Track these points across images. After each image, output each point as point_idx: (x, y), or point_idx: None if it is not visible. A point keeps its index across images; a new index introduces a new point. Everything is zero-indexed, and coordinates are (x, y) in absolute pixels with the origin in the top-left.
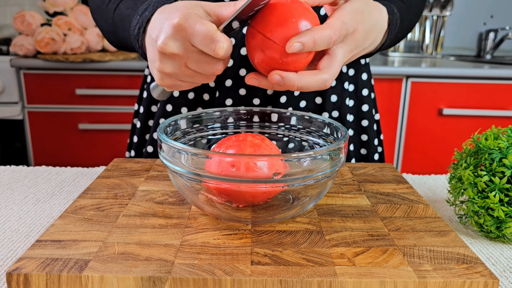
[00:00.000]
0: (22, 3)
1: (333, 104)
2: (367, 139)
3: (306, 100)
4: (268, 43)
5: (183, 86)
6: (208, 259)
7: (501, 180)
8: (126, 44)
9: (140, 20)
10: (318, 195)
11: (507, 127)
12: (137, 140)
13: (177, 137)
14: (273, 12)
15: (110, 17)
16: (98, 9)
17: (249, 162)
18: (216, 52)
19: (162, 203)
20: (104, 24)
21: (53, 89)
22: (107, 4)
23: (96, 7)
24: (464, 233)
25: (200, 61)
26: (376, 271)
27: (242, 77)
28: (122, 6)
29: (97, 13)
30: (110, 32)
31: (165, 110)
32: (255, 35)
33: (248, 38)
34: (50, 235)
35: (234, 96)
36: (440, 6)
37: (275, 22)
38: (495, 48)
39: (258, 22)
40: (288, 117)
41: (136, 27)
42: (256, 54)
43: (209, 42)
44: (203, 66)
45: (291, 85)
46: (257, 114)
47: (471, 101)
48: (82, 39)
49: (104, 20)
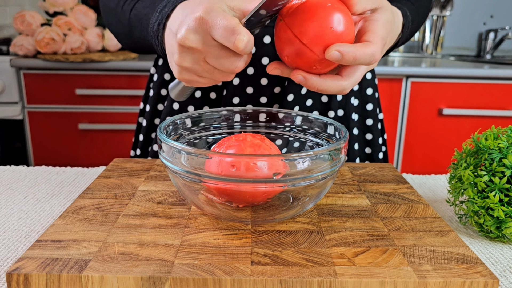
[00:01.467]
0: (22, 3)
1: (339, 103)
2: (371, 138)
3: (312, 98)
4: (302, 48)
5: (201, 82)
6: (208, 259)
7: (501, 180)
8: (142, 44)
9: (159, 16)
10: (318, 195)
11: (507, 127)
12: (142, 138)
13: (179, 137)
14: (308, 12)
15: (126, 18)
16: (112, 12)
17: (249, 162)
18: (235, 45)
19: (162, 203)
20: (119, 26)
21: (53, 89)
22: (122, 5)
23: (109, 10)
24: (464, 233)
25: (219, 56)
26: (376, 271)
27: (249, 76)
28: (139, 6)
29: (111, 16)
30: (126, 33)
31: (172, 109)
32: (287, 32)
33: (279, 32)
34: (50, 235)
35: (241, 94)
36: (440, 6)
37: (311, 27)
38: (495, 48)
39: (292, 20)
40: (291, 117)
41: (155, 24)
42: (285, 50)
43: (229, 35)
44: (223, 62)
45: (312, 87)
46: (257, 115)
47: (471, 101)
48: (82, 39)
49: (119, 22)
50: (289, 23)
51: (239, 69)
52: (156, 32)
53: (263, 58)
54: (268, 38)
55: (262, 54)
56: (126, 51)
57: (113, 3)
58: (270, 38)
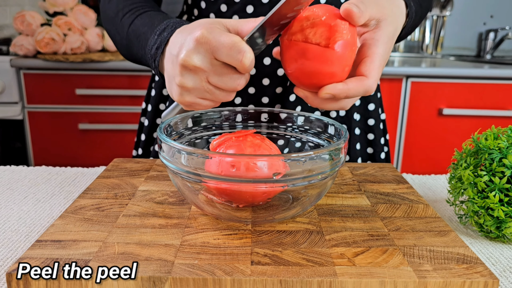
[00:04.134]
0: (22, 3)
1: None
2: (373, 138)
3: None
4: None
5: (202, 104)
6: (208, 259)
7: (501, 180)
8: (140, 60)
9: (158, 40)
10: (318, 195)
11: (507, 127)
12: (144, 138)
13: (179, 137)
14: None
15: (124, 32)
16: (111, 21)
17: (249, 162)
18: (242, 63)
19: (162, 203)
20: (116, 36)
21: (53, 89)
22: (121, 18)
23: (108, 19)
24: (464, 233)
25: (222, 75)
26: (376, 271)
27: (251, 76)
28: (137, 22)
29: (109, 25)
30: (124, 46)
31: None
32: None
33: (292, 50)
34: (50, 235)
35: (243, 94)
36: (440, 6)
37: None
38: (495, 48)
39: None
40: (292, 117)
41: (153, 47)
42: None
43: (235, 53)
44: (225, 80)
45: (340, 97)
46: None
47: (471, 101)
48: (82, 39)
49: (117, 33)
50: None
51: (241, 86)
52: (153, 56)
53: (264, 59)
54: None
55: (264, 55)
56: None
57: (112, 12)
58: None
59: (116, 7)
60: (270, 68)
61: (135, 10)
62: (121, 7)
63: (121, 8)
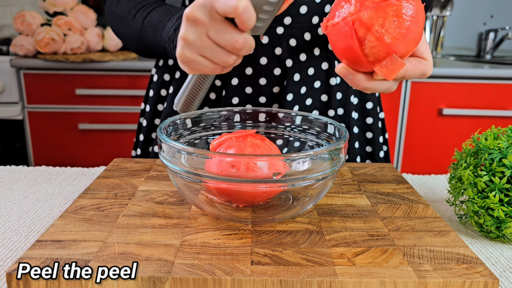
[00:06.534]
0: (22, 3)
1: (338, 102)
2: (372, 136)
3: (312, 98)
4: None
5: (202, 64)
6: (208, 259)
7: (501, 180)
8: (153, 49)
9: (176, 23)
10: (318, 195)
11: (507, 127)
12: (143, 138)
13: (178, 137)
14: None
15: (138, 26)
16: (122, 20)
17: (249, 162)
18: (236, 7)
19: (162, 203)
20: (128, 32)
21: (53, 89)
22: (134, 15)
23: (118, 19)
24: (464, 233)
25: (221, 30)
26: (376, 271)
27: (248, 76)
28: (153, 15)
29: (120, 24)
30: (136, 39)
31: (172, 109)
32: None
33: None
34: (50, 235)
35: (241, 94)
36: (440, 6)
37: None
38: (495, 48)
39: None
40: (291, 117)
41: (171, 29)
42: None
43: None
44: (224, 36)
45: (357, 84)
46: (256, 115)
47: (471, 101)
48: (82, 39)
49: (129, 29)
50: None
51: (239, 44)
52: (171, 36)
53: (261, 58)
54: (266, 39)
55: (260, 54)
56: (126, 51)
57: (123, 11)
58: (267, 39)
59: (127, 7)
60: (267, 68)
61: (149, 6)
62: (132, 5)
63: (132, 7)
